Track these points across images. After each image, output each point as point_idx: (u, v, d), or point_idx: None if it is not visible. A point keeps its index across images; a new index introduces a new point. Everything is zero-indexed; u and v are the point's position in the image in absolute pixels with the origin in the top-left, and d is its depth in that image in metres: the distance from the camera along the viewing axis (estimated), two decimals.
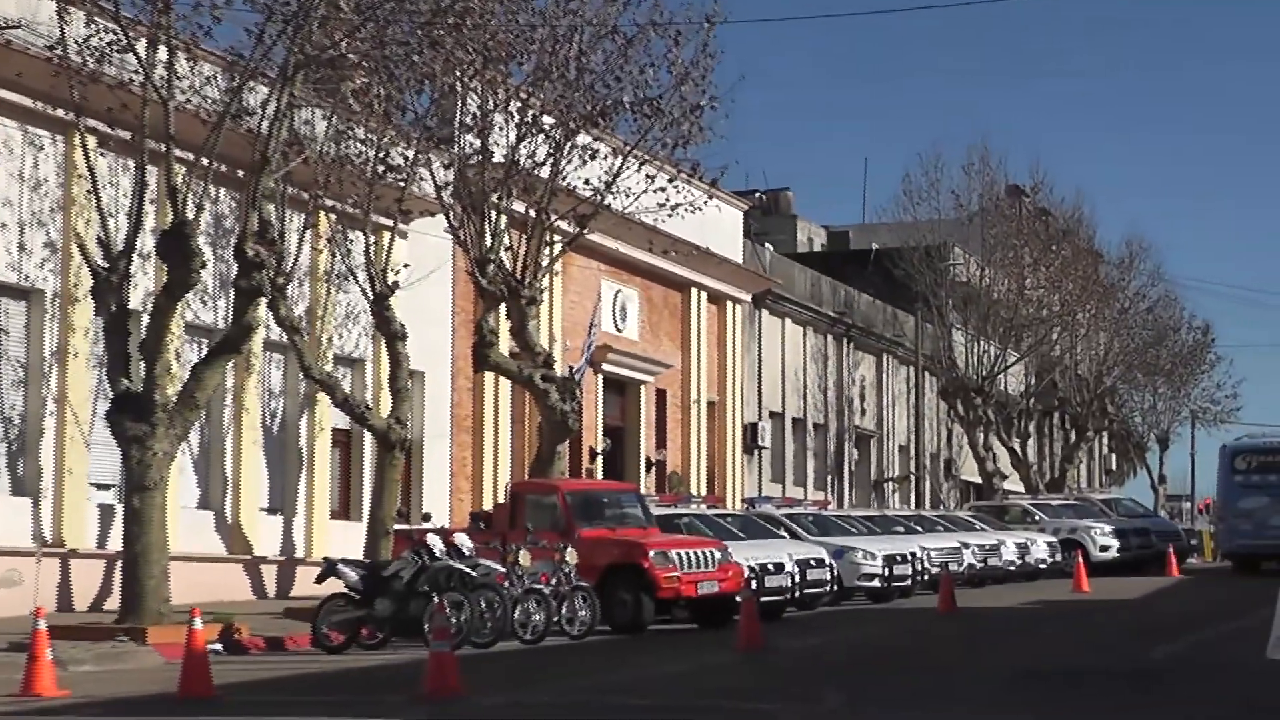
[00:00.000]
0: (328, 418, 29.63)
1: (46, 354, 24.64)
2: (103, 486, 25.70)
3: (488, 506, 30.36)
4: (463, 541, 21.38)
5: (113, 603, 22.92)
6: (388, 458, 27.24)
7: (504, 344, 30.21)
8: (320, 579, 21.54)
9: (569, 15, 27.35)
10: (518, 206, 28.68)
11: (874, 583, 30.30)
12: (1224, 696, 16.10)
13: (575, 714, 14.74)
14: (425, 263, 30.26)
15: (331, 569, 21.21)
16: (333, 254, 28.46)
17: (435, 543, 21.14)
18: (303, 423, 29.57)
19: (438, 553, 20.98)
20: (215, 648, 19.42)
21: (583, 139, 28.24)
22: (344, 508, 30.86)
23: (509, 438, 34.82)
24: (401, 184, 26.96)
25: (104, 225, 22.22)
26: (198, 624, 15.76)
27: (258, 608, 25.20)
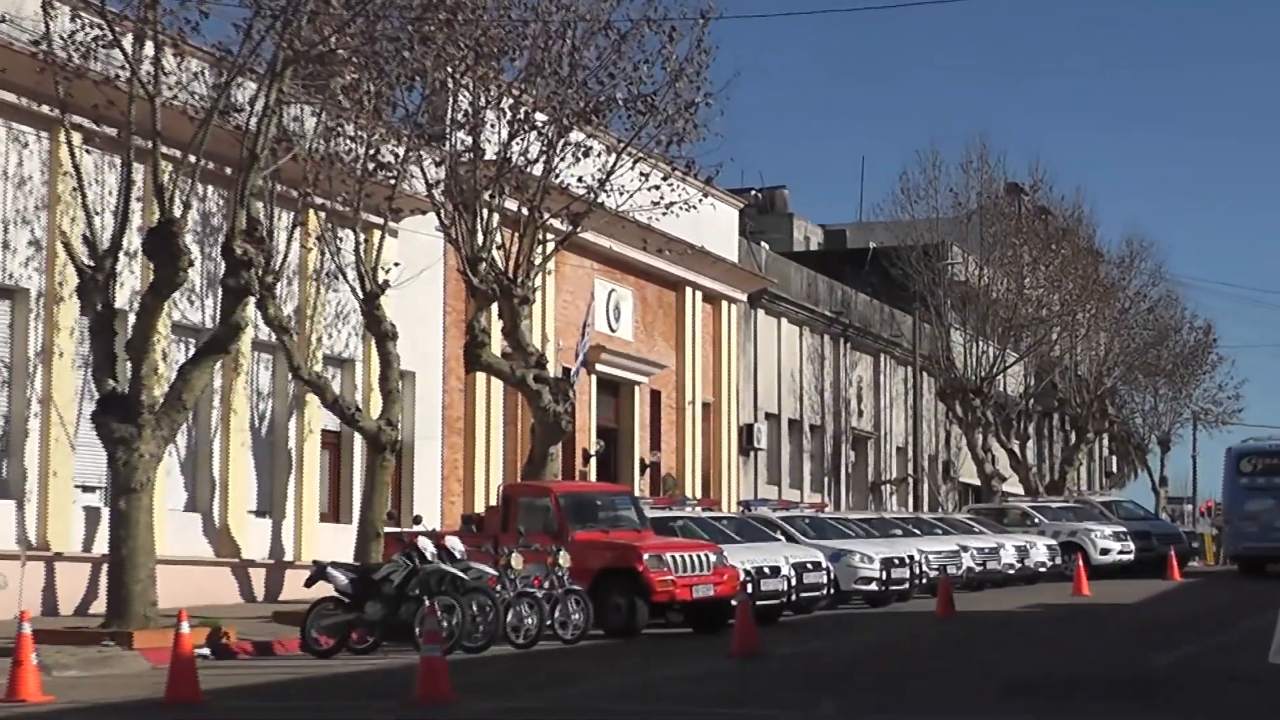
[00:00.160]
0: (317, 419, 29.62)
1: (31, 354, 24.61)
2: (88, 489, 25.67)
3: (479, 509, 30.35)
4: (454, 544, 21.37)
5: (99, 606, 22.91)
6: (378, 459, 27.22)
7: (496, 344, 30.20)
8: (309, 582, 21.53)
9: (562, 10, 27.35)
10: (510, 204, 28.68)
11: (871, 586, 30.32)
12: (1225, 702, 16.12)
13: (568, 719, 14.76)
14: (416, 261, 30.26)
15: (321, 572, 21.20)
16: (322, 252, 28.45)
17: (426, 546, 21.13)
18: (292, 424, 29.56)
19: (429, 556, 20.98)
20: (203, 652, 19.41)
21: (576, 136, 28.23)
22: (334, 510, 30.85)
23: (501, 439, 34.81)
24: (392, 181, 26.94)
25: (89, 223, 22.19)
26: (185, 628, 15.75)
27: (246, 611, 25.18)
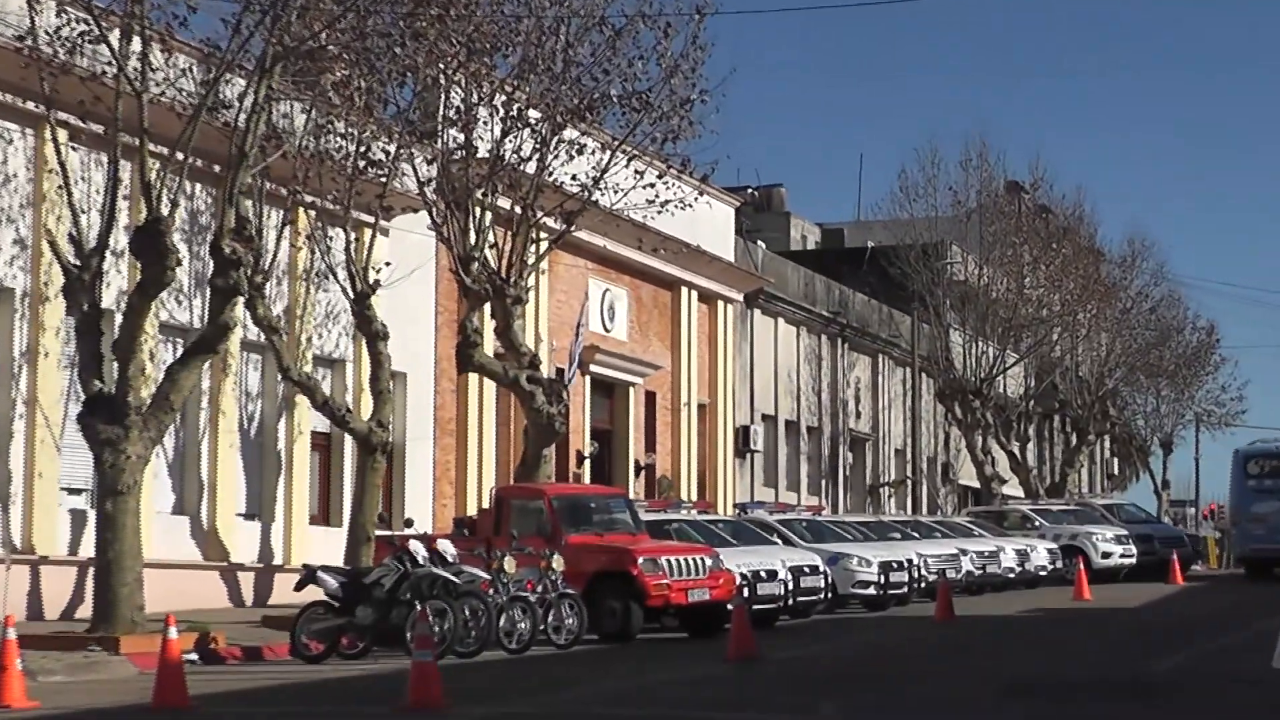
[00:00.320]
0: (307, 420, 29.61)
1: (16, 354, 24.59)
2: (74, 491, 25.65)
3: (472, 512, 30.34)
4: (446, 548, 21.38)
5: (85, 611, 22.89)
6: (369, 461, 27.21)
7: (489, 344, 30.19)
8: (299, 586, 21.54)
9: (555, 6, 27.37)
10: (503, 203, 28.68)
11: (869, 590, 30.32)
12: (1226, 705, 16.14)
13: None
14: (407, 261, 30.25)
15: (311, 576, 21.20)
16: (312, 251, 28.44)
17: (418, 549, 21.13)
18: (281, 425, 29.54)
19: (420, 559, 20.98)
20: (191, 658, 19.42)
21: (570, 133, 28.24)
22: (324, 513, 30.84)
23: (494, 441, 34.80)
24: (383, 179, 26.94)
25: (76, 222, 22.18)
26: (172, 633, 15.75)
27: (234, 616, 25.18)
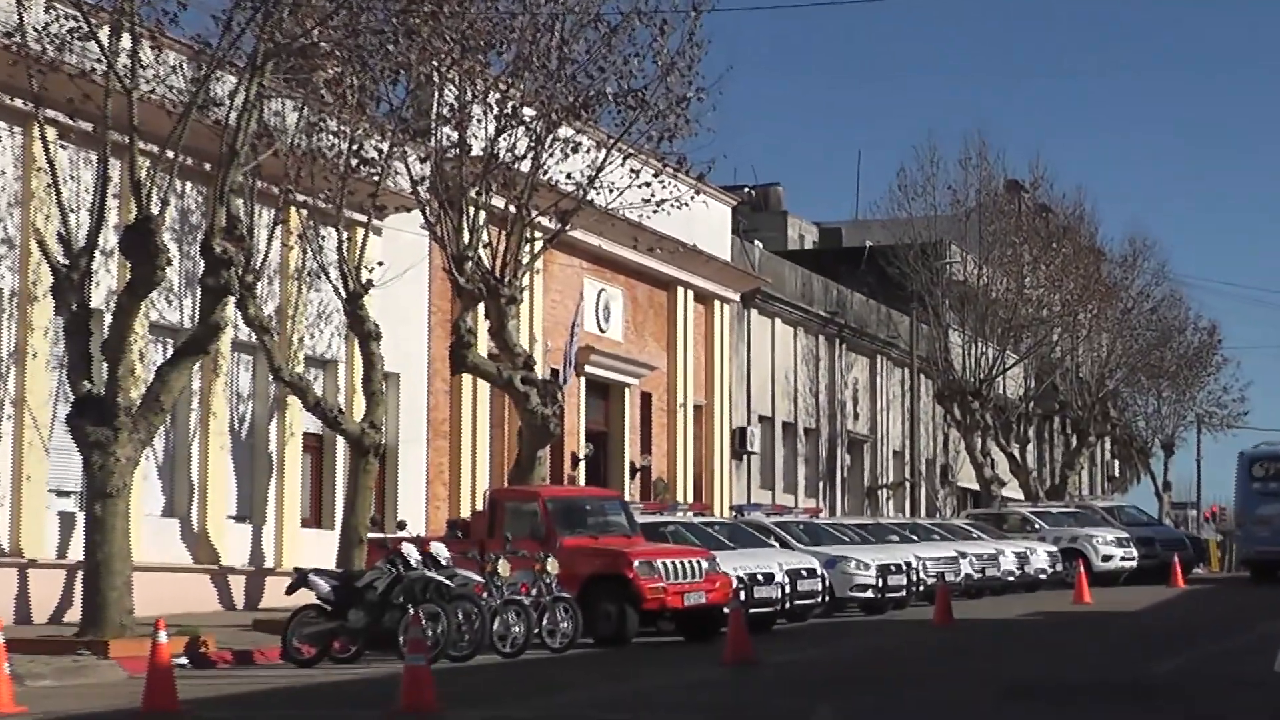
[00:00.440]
0: (298, 421, 29.59)
1: (4, 355, 24.58)
2: (63, 493, 25.64)
3: (465, 514, 30.34)
4: (439, 551, 21.37)
5: (73, 615, 22.88)
6: (361, 463, 27.22)
7: (482, 345, 30.20)
8: (291, 590, 21.53)
9: (550, 3, 27.38)
10: (497, 202, 28.68)
11: (867, 594, 30.33)
12: (1227, 708, 16.15)
13: None
14: (400, 260, 30.25)
15: (302, 579, 21.20)
16: (304, 251, 28.44)
17: (411, 552, 21.13)
18: (272, 427, 29.53)
19: (413, 562, 20.98)
20: (181, 662, 19.40)
21: (564, 132, 28.24)
22: (315, 515, 30.83)
23: (488, 442, 34.80)
24: (376, 178, 26.95)
25: (64, 221, 22.16)
26: (162, 637, 15.74)
27: (225, 620, 25.17)
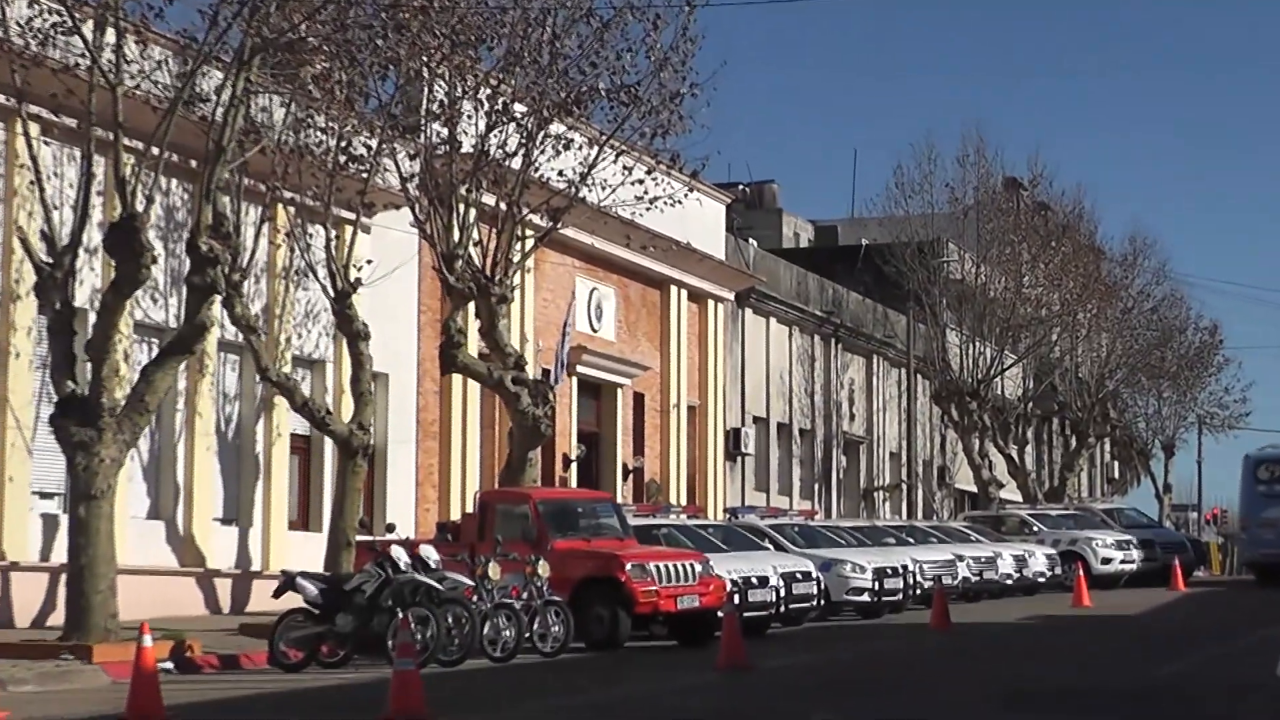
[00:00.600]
0: (286, 422, 29.58)
1: None
2: (46, 495, 25.62)
3: (455, 516, 30.33)
4: (429, 554, 21.37)
5: (56, 619, 22.85)
6: (349, 465, 27.21)
7: (473, 345, 30.19)
8: (278, 593, 21.52)
9: None
10: (487, 199, 28.68)
11: (863, 597, 30.36)
12: (1227, 712, 16.18)
13: None
14: (389, 259, 30.24)
15: (290, 583, 21.19)
16: (291, 249, 28.42)
17: (400, 555, 21.12)
18: (259, 427, 29.52)
19: (402, 565, 20.97)
20: (166, 666, 19.38)
21: (556, 128, 28.24)
22: (303, 518, 30.82)
23: (478, 444, 34.80)
24: (364, 175, 26.94)
25: (48, 218, 22.14)
26: (147, 641, 15.72)
27: (211, 624, 25.16)
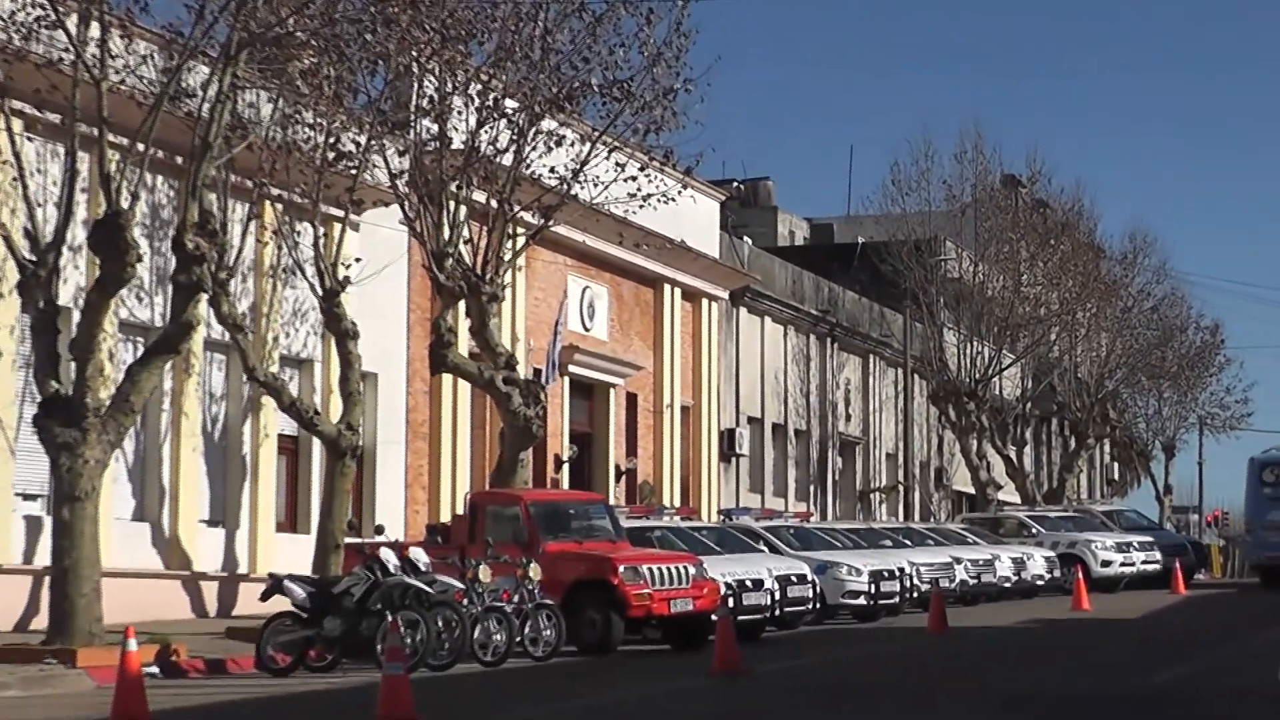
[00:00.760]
0: (273, 423, 29.57)
1: None
2: (29, 497, 25.59)
3: (445, 518, 30.34)
4: (418, 556, 21.36)
5: (40, 622, 22.83)
6: (338, 466, 27.18)
7: (463, 344, 30.18)
8: (265, 596, 21.51)
9: None
10: (478, 196, 28.66)
11: (859, 600, 30.39)
12: (1228, 718, 16.20)
13: None
14: (378, 257, 30.23)
15: (277, 585, 21.18)
16: (279, 247, 28.40)
17: (389, 557, 21.13)
18: (246, 428, 29.50)
19: (391, 568, 20.97)
20: (151, 670, 19.38)
21: (548, 124, 28.23)
22: (291, 520, 30.81)
23: (468, 444, 34.79)
24: (353, 172, 26.91)
25: (31, 215, 22.12)
26: (132, 645, 15.72)
27: (197, 627, 25.14)
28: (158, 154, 22.90)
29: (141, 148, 21.66)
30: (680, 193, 31.28)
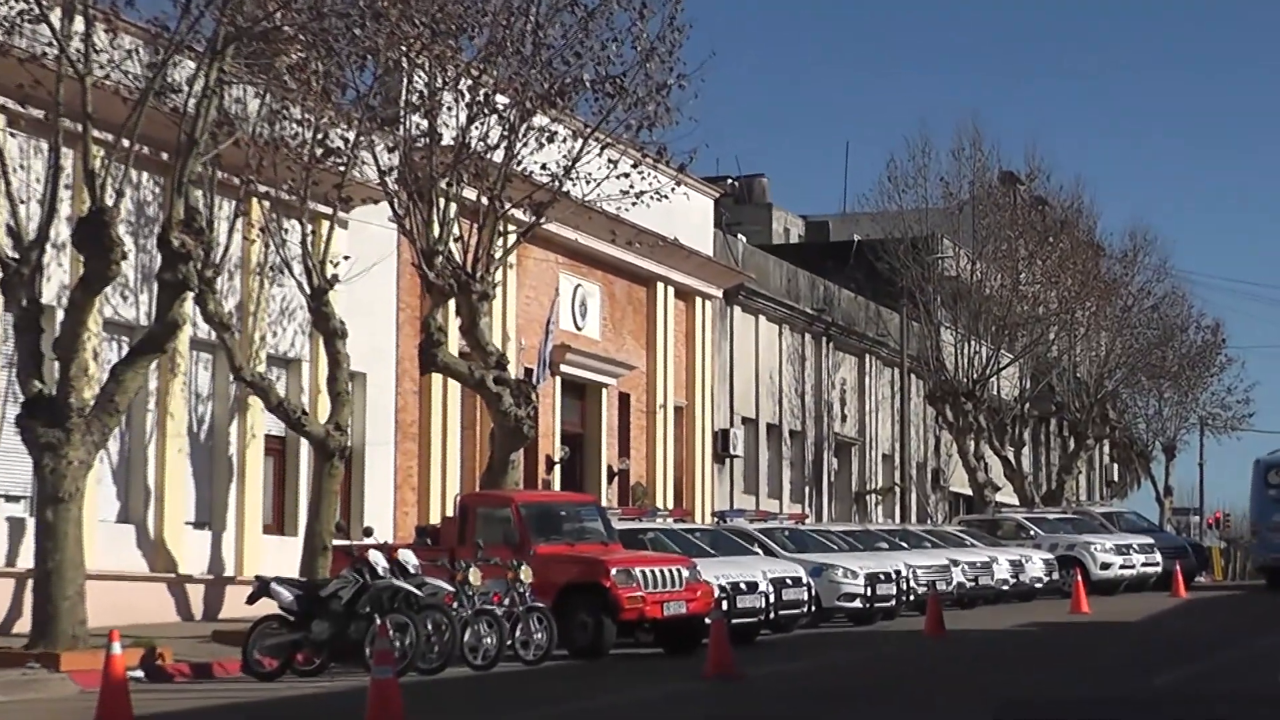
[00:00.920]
0: (260, 423, 29.55)
1: None
2: (12, 498, 25.59)
3: (435, 520, 30.33)
4: (408, 558, 21.37)
5: (23, 625, 22.82)
6: (326, 467, 27.18)
7: (453, 343, 30.18)
8: (252, 599, 21.49)
9: None
10: (468, 193, 28.65)
11: (855, 603, 30.38)
12: None
13: None
14: (367, 254, 30.23)
15: (264, 588, 21.17)
16: (266, 245, 28.40)
17: (378, 559, 21.12)
18: (233, 429, 29.49)
19: (380, 571, 20.97)
20: (136, 675, 19.37)
21: (539, 120, 28.22)
22: (278, 521, 30.79)
23: (458, 445, 34.79)
24: (342, 168, 26.90)
25: (14, 213, 22.10)
26: (117, 649, 15.71)
27: (183, 631, 25.13)
28: (143, 150, 22.89)
29: (126, 144, 21.65)
30: (673, 190, 31.27)
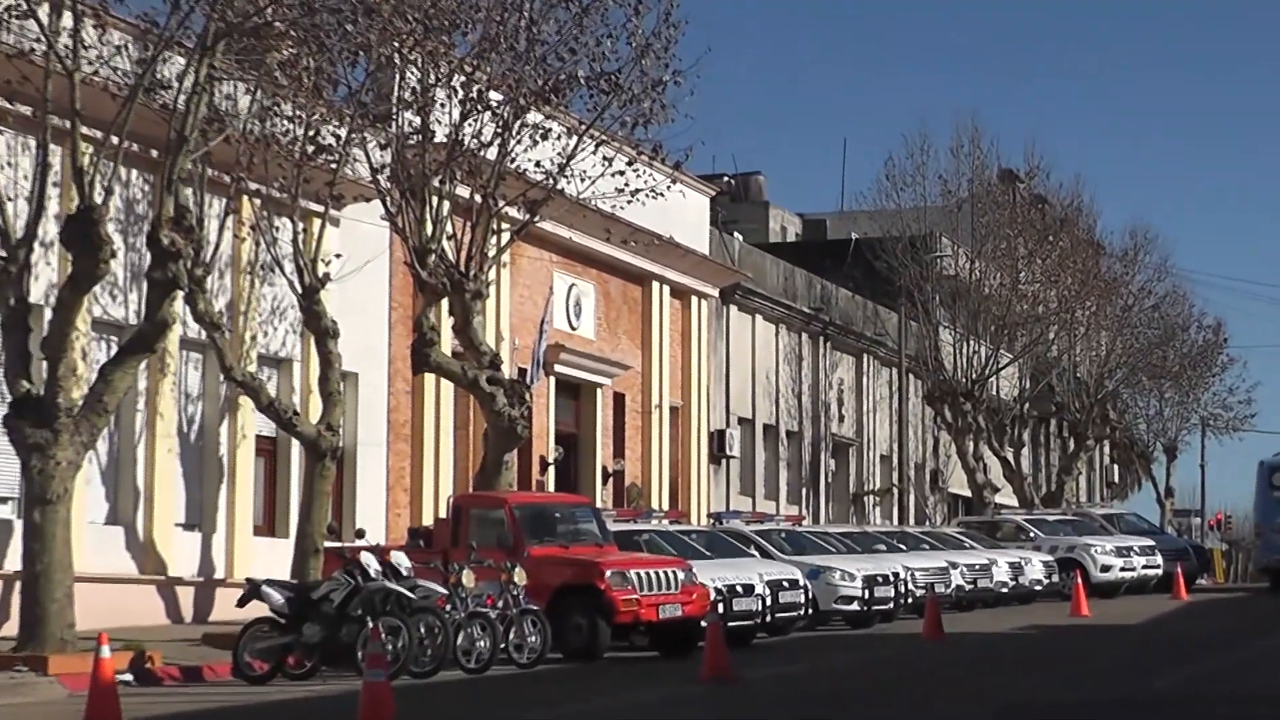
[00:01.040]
0: (251, 423, 29.54)
1: None
2: (0, 500, 25.57)
3: (428, 521, 30.33)
4: (400, 560, 21.37)
5: (10, 629, 22.80)
6: (317, 468, 27.17)
7: (446, 343, 30.16)
8: (242, 602, 21.50)
9: None
10: (462, 191, 28.66)
11: (853, 606, 30.40)
12: None
13: None
14: (359, 253, 30.21)
15: (255, 591, 21.18)
16: (257, 243, 28.38)
17: (370, 562, 21.13)
18: (223, 429, 29.48)
19: (372, 573, 20.98)
20: (125, 678, 19.37)
21: (533, 117, 28.22)
22: (269, 523, 30.78)
23: (451, 446, 34.78)
24: (333, 166, 26.90)
25: (2, 210, 22.07)
26: (105, 652, 15.71)
27: (173, 634, 25.12)
28: (132, 147, 22.88)
29: (115, 141, 21.63)
30: (669, 188, 31.30)
